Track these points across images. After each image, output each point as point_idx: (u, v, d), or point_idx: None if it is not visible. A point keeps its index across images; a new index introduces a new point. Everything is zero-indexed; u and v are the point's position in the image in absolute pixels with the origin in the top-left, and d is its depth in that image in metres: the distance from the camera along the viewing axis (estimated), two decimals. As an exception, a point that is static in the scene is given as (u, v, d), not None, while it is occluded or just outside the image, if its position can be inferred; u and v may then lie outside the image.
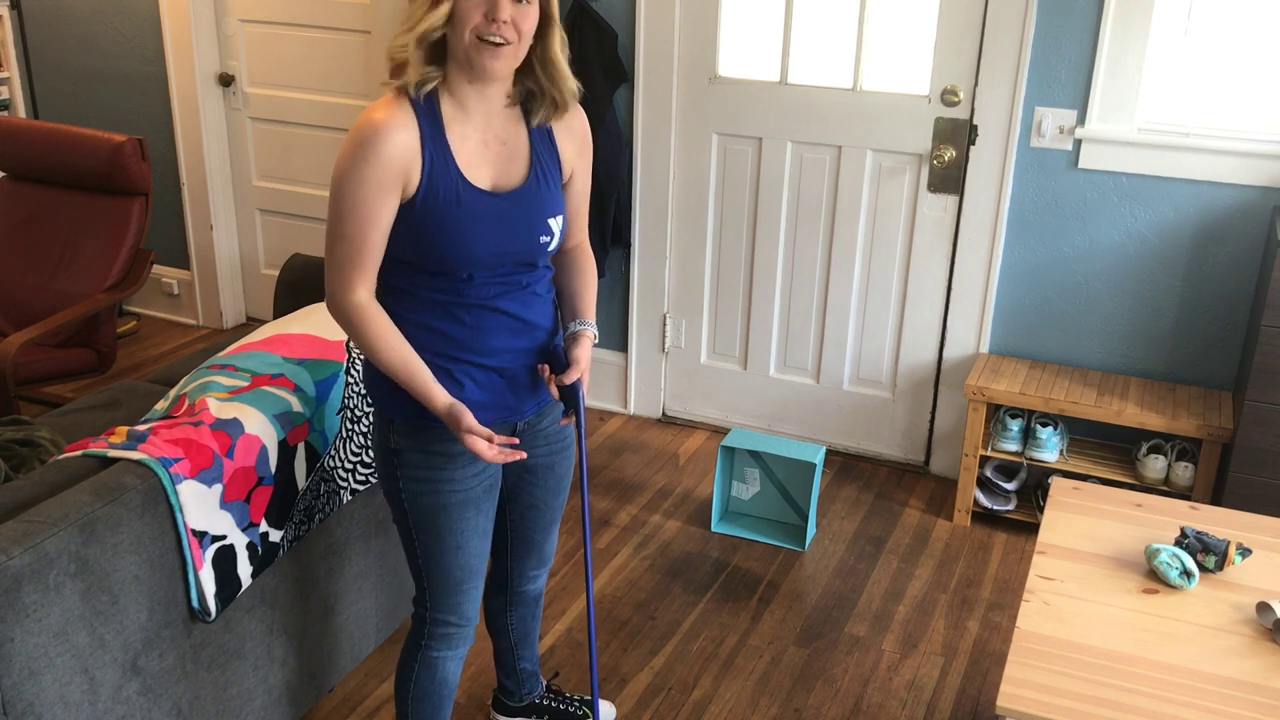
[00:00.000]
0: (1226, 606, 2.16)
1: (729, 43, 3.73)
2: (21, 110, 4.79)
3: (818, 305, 3.86)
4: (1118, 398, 3.33)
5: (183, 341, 4.79)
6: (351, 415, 2.46)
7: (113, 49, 4.67)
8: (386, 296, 1.98)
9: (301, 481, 2.33)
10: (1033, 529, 3.48)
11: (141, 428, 2.16)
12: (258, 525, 2.22)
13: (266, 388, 2.32)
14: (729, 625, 3.02)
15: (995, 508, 3.51)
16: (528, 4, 1.86)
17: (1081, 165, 3.37)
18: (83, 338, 3.75)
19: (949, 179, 3.54)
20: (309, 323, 2.59)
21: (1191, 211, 3.31)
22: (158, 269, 4.92)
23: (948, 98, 3.48)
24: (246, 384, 2.32)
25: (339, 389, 2.43)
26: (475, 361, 2.00)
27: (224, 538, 2.14)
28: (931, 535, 3.48)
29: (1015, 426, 3.40)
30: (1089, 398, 3.32)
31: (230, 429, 2.18)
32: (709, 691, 2.77)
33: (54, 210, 3.91)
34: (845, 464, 3.91)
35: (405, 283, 1.96)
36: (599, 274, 3.28)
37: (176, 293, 4.95)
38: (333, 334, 2.54)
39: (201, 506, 2.09)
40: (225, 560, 2.15)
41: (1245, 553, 2.26)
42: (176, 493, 2.04)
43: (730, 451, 3.49)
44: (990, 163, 3.46)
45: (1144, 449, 3.35)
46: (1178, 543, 2.29)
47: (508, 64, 1.88)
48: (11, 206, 3.96)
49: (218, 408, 2.21)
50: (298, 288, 3.12)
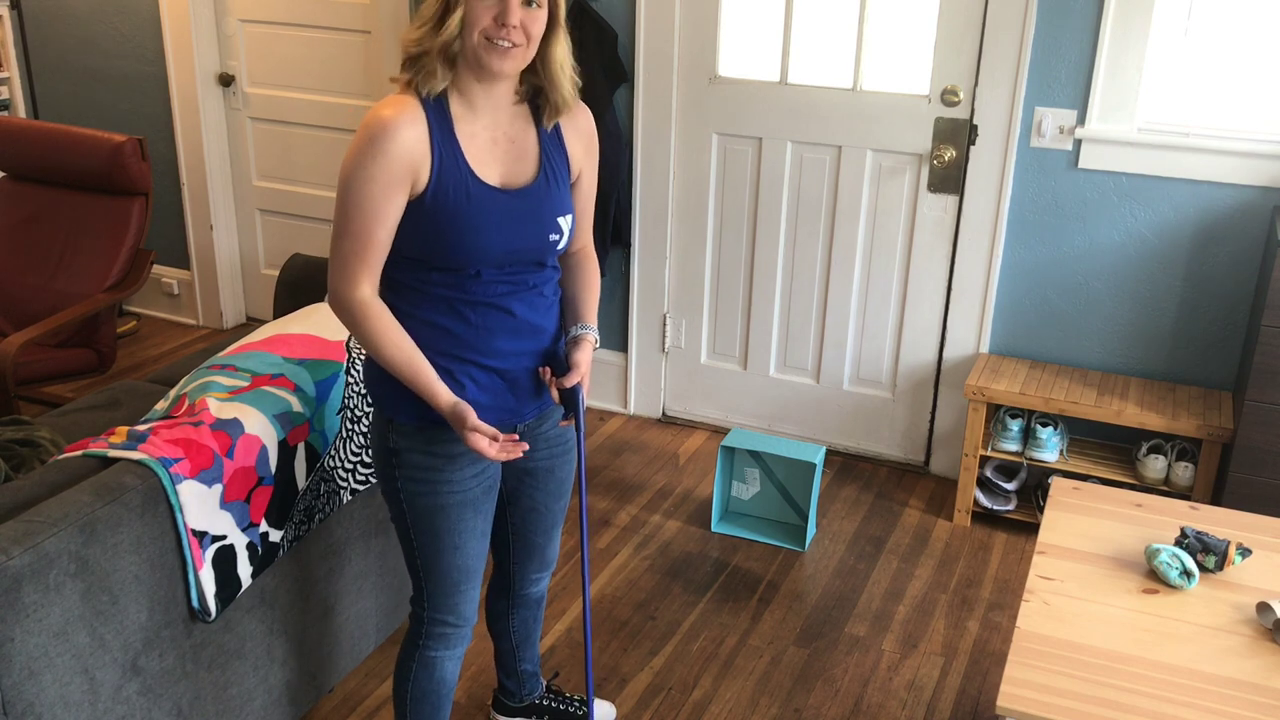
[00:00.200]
0: (1226, 606, 2.16)
1: (729, 43, 3.73)
2: (21, 110, 4.79)
3: (818, 305, 3.86)
4: (1118, 398, 3.33)
5: (183, 341, 4.79)
6: (351, 415, 2.46)
7: (113, 49, 4.67)
8: (392, 293, 1.98)
9: (301, 481, 2.33)
10: (1033, 529, 3.48)
11: (141, 428, 2.16)
12: (258, 525, 2.22)
13: (266, 388, 2.32)
14: (729, 625, 3.02)
15: (995, 508, 3.51)
16: (537, 7, 1.87)
17: (1081, 165, 3.37)
18: (83, 338, 3.74)
19: (949, 179, 3.54)
20: (309, 323, 2.59)
21: (1191, 211, 3.31)
22: (158, 269, 4.92)
23: (948, 98, 3.48)
24: (246, 384, 2.32)
25: (339, 389, 2.43)
26: (478, 362, 2.00)
27: (224, 538, 2.15)
28: (931, 535, 3.48)
29: (1015, 426, 3.40)
30: (1089, 398, 3.32)
31: (230, 429, 2.18)
32: (709, 691, 2.77)
33: (54, 210, 3.91)
34: (845, 464, 3.91)
35: (412, 279, 1.96)
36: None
37: (176, 293, 4.95)
38: (333, 334, 2.54)
39: (201, 506, 2.09)
40: (225, 560, 2.15)
41: (1245, 553, 2.26)
42: (176, 493, 2.04)
43: (730, 451, 3.49)
44: (990, 163, 3.46)
45: (1144, 449, 3.35)
46: (1178, 543, 2.29)
47: (516, 65, 1.89)
48: (11, 206, 3.96)
49: (218, 408, 2.21)
50: (298, 288, 3.12)
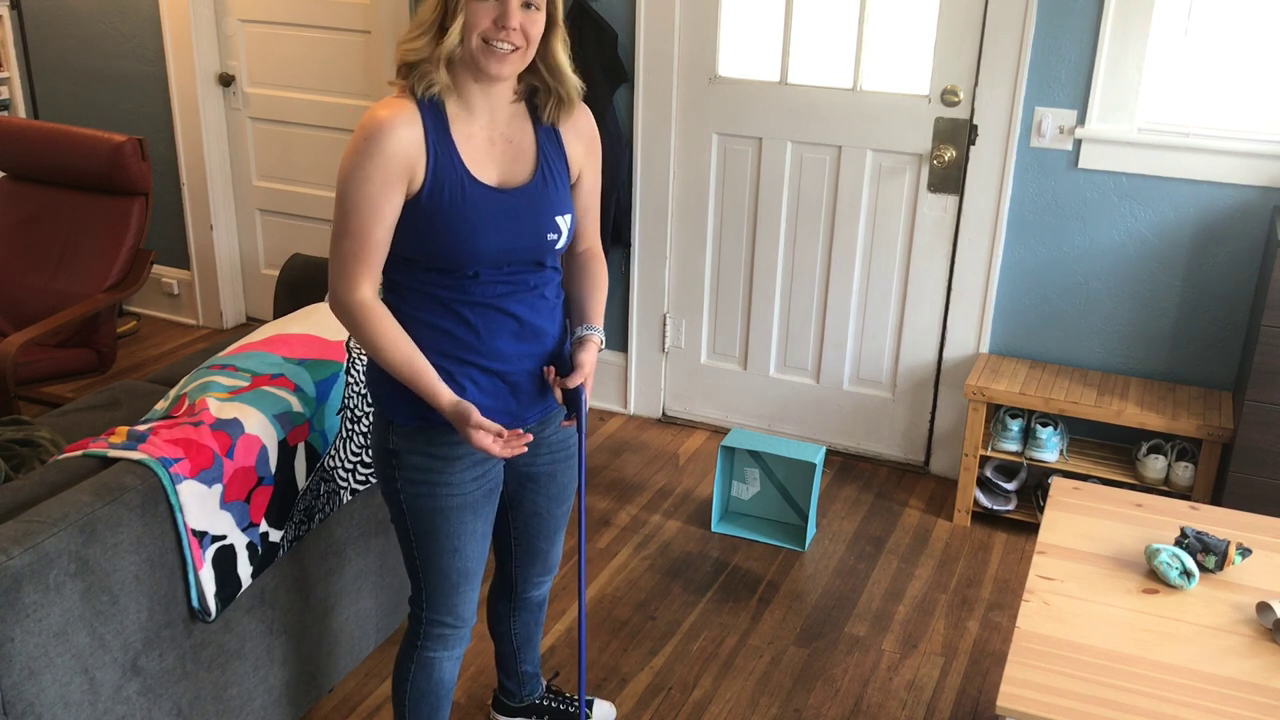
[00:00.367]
0: (1226, 606, 2.16)
1: (729, 43, 3.73)
2: (21, 110, 4.79)
3: (818, 305, 3.86)
4: (1118, 398, 3.33)
5: (183, 341, 4.79)
6: (351, 415, 2.46)
7: (113, 49, 4.67)
8: (392, 294, 1.98)
9: (301, 481, 2.33)
10: (1033, 529, 3.48)
11: (141, 428, 2.16)
12: (258, 525, 2.22)
13: (266, 388, 2.32)
14: (729, 625, 3.02)
15: (995, 508, 3.51)
16: (536, 10, 1.87)
17: (1081, 165, 3.37)
18: (83, 338, 3.74)
19: (949, 179, 3.54)
20: (309, 323, 2.59)
21: (1191, 211, 3.31)
22: (158, 269, 4.92)
23: (948, 98, 3.48)
24: (246, 384, 2.32)
25: (339, 389, 2.43)
26: (480, 364, 1.99)
27: (224, 538, 2.15)
28: (931, 535, 3.48)
29: (1015, 426, 3.39)
30: (1089, 398, 3.32)
31: (230, 429, 2.18)
32: (709, 691, 2.77)
33: (54, 210, 3.91)
34: (845, 464, 3.91)
35: (410, 280, 1.96)
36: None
37: (176, 293, 4.95)
38: (333, 334, 2.54)
39: (201, 506, 2.09)
40: (225, 560, 2.15)
41: (1245, 553, 2.26)
42: (176, 493, 2.04)
43: (730, 451, 3.49)
44: (990, 163, 3.46)
45: (1144, 449, 3.35)
46: (1178, 543, 2.29)
47: (514, 67, 1.89)
48: (11, 206, 3.96)
49: (218, 408, 2.21)
50: (298, 288, 3.12)
